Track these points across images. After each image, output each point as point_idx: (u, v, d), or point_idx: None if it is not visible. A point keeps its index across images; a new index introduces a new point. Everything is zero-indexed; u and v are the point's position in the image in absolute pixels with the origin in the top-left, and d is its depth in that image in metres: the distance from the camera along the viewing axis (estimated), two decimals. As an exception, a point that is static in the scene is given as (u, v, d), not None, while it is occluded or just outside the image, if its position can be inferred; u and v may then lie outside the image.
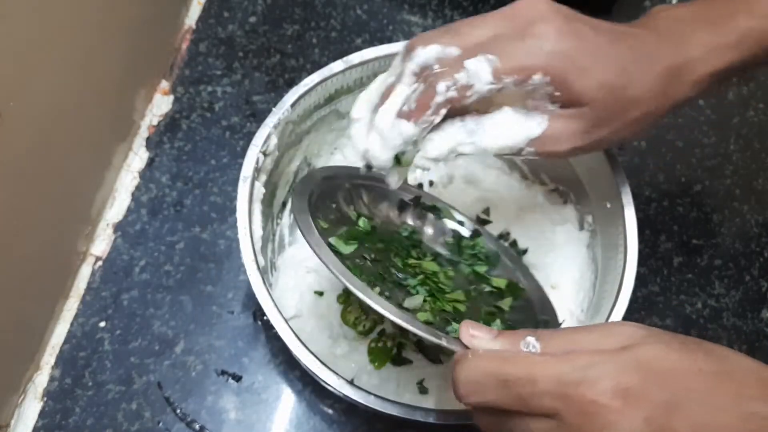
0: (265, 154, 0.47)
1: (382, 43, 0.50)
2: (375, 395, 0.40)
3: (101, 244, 0.57)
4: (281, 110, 0.47)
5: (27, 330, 0.52)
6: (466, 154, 0.37)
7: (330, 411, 0.52)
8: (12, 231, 0.46)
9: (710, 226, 0.60)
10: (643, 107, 0.37)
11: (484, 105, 0.36)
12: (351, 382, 0.41)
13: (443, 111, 0.35)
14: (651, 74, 0.37)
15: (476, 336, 0.31)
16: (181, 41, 0.65)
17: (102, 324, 0.54)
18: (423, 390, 0.49)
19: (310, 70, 0.54)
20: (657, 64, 0.37)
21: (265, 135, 0.47)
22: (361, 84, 0.52)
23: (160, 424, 0.51)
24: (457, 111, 0.36)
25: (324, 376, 0.40)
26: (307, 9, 0.67)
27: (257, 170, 0.46)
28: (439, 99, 0.34)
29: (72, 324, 0.54)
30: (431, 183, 0.58)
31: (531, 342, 0.29)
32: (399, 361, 0.51)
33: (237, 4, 0.67)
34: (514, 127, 0.36)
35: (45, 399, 0.52)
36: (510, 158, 0.57)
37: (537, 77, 0.34)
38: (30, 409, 0.51)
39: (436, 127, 0.36)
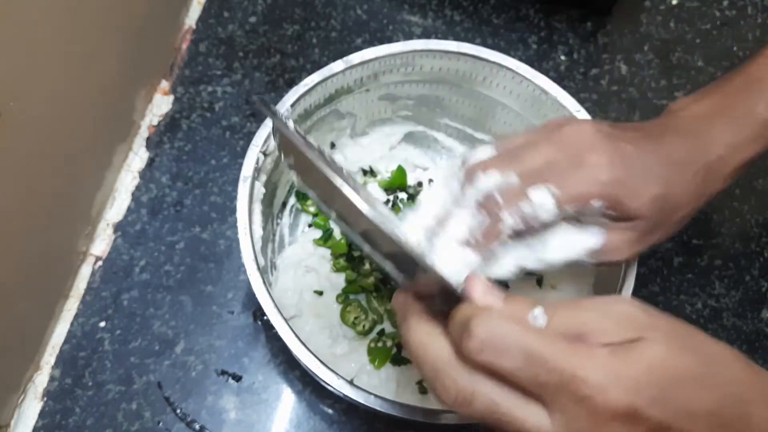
0: (265, 154, 0.47)
1: (382, 43, 0.50)
2: (375, 395, 0.40)
3: (101, 244, 0.57)
4: (281, 110, 0.47)
5: (27, 330, 0.52)
6: (531, 270, 0.38)
7: (330, 411, 0.52)
8: (12, 231, 0.46)
9: (710, 226, 0.60)
10: (685, 210, 0.40)
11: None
12: (351, 382, 0.41)
13: (508, 239, 0.37)
14: (688, 178, 0.39)
15: (488, 295, 0.29)
16: (181, 41, 0.65)
17: (102, 324, 0.54)
18: (423, 389, 0.49)
19: (310, 70, 0.54)
20: (692, 167, 0.39)
21: (265, 135, 0.47)
22: (361, 84, 0.52)
23: (160, 424, 0.51)
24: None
25: (324, 376, 0.40)
26: (307, 9, 0.67)
27: (257, 170, 0.46)
28: (506, 230, 0.36)
29: (72, 324, 0.54)
30: (430, 181, 0.58)
31: (538, 315, 0.28)
32: (399, 360, 0.51)
33: (237, 4, 0.67)
34: (574, 242, 0.38)
35: (45, 399, 0.52)
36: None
37: (595, 202, 0.36)
38: (30, 409, 0.51)
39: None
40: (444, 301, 0.30)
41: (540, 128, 0.40)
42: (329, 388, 0.41)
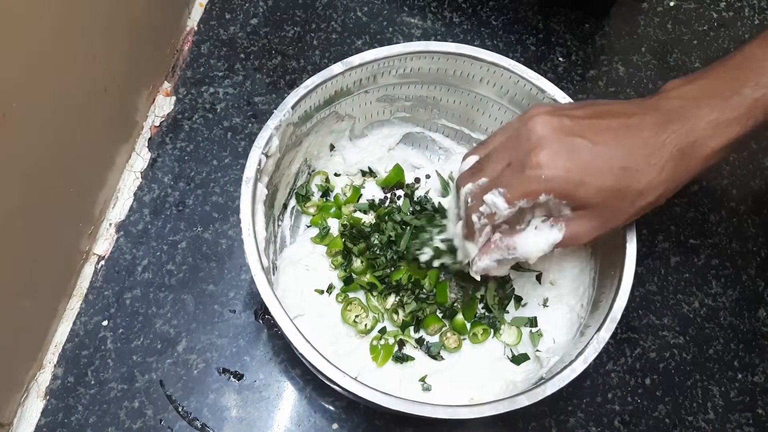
0: (267, 155, 0.47)
1: (382, 44, 0.50)
2: (382, 392, 0.40)
3: (104, 243, 0.57)
4: (282, 112, 0.48)
5: (30, 329, 0.52)
6: (518, 261, 0.46)
7: (331, 408, 0.53)
8: (15, 230, 0.46)
9: (707, 226, 0.61)
10: (651, 196, 0.41)
11: (519, 217, 0.44)
12: (356, 380, 0.41)
13: (487, 230, 0.44)
14: (658, 164, 0.40)
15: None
16: (183, 43, 0.66)
17: (104, 323, 0.55)
18: (425, 386, 0.50)
19: (311, 72, 0.54)
20: (665, 150, 0.40)
21: (267, 136, 0.47)
22: (360, 85, 0.52)
23: (162, 422, 0.52)
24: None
25: (330, 374, 0.40)
26: (308, 11, 0.68)
27: (260, 171, 0.47)
28: (477, 226, 0.44)
29: (75, 323, 0.55)
30: (428, 177, 0.59)
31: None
32: (400, 358, 0.51)
33: (238, 5, 0.68)
34: (541, 239, 0.43)
35: (48, 397, 0.52)
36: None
37: (542, 197, 0.41)
38: (33, 407, 0.52)
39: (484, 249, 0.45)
40: None
41: (510, 125, 0.44)
42: (335, 386, 0.41)
